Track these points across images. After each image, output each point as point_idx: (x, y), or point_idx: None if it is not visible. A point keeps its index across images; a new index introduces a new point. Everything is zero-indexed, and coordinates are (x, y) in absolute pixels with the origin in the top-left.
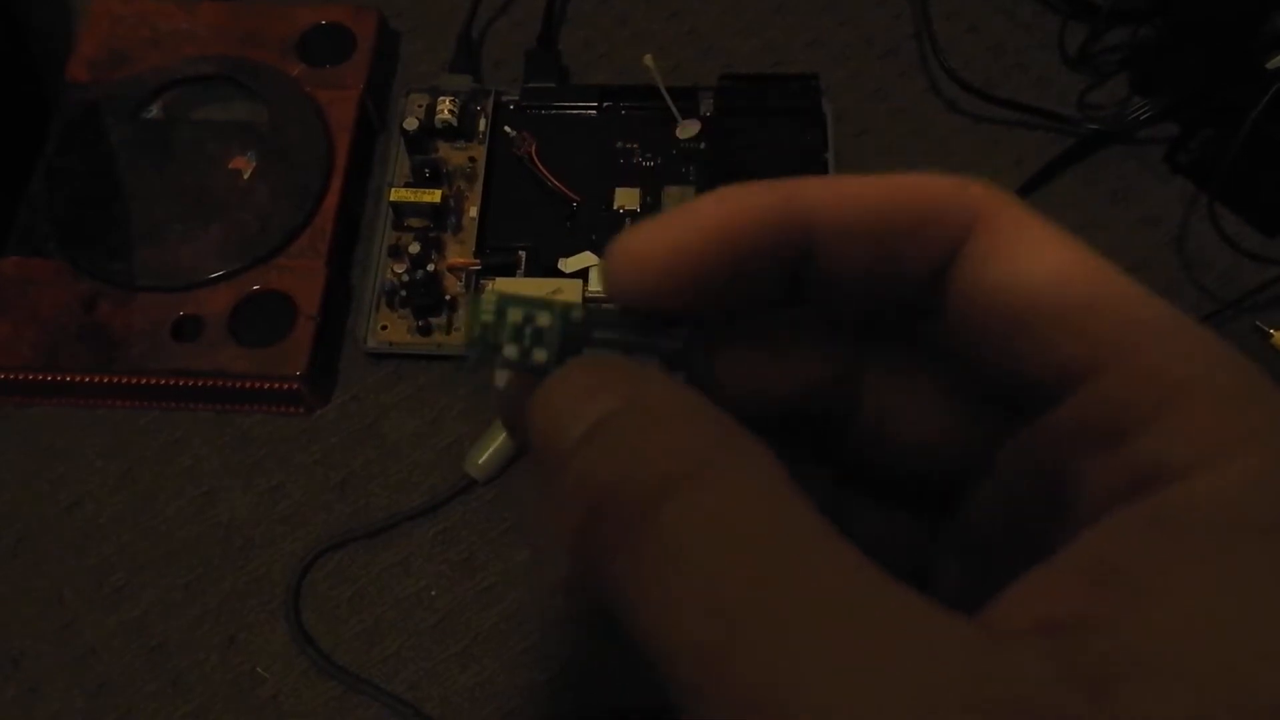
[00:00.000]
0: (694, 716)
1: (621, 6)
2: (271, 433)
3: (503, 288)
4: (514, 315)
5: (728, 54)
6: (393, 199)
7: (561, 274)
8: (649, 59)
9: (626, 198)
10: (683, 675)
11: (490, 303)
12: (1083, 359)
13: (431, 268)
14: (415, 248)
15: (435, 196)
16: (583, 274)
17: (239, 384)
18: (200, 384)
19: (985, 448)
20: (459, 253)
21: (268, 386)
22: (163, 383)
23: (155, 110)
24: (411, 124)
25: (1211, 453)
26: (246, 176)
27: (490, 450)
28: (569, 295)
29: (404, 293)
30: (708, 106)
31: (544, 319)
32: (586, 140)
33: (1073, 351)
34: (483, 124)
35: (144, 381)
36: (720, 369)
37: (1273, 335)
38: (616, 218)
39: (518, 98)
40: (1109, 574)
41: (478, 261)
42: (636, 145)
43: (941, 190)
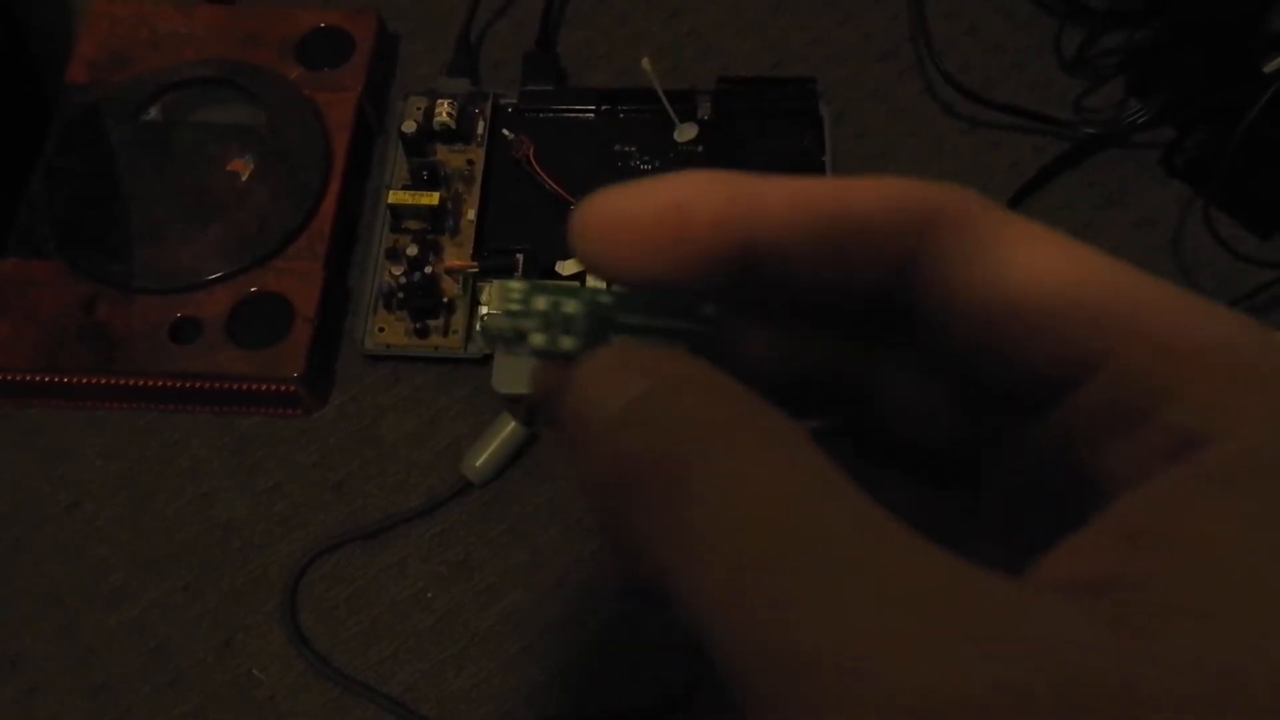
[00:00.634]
0: (731, 671)
1: (620, 7)
2: (269, 434)
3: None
4: (542, 303)
5: (726, 55)
6: (391, 201)
7: (559, 276)
8: (646, 62)
9: None
10: (726, 631)
11: (517, 292)
12: (1091, 346)
13: (429, 270)
14: (413, 250)
15: (433, 199)
16: (580, 277)
17: (237, 386)
18: (198, 386)
19: (997, 433)
20: (457, 255)
21: (266, 388)
22: (161, 384)
23: (154, 113)
24: (410, 126)
25: (1236, 416)
26: (245, 179)
27: (487, 452)
28: None
29: (401, 295)
30: (706, 110)
31: (571, 306)
32: (585, 143)
33: (1080, 340)
34: (481, 126)
35: (143, 383)
36: (744, 348)
37: None
38: None
39: (516, 100)
40: (1143, 534)
41: (475, 264)
42: (635, 148)
43: (893, 192)
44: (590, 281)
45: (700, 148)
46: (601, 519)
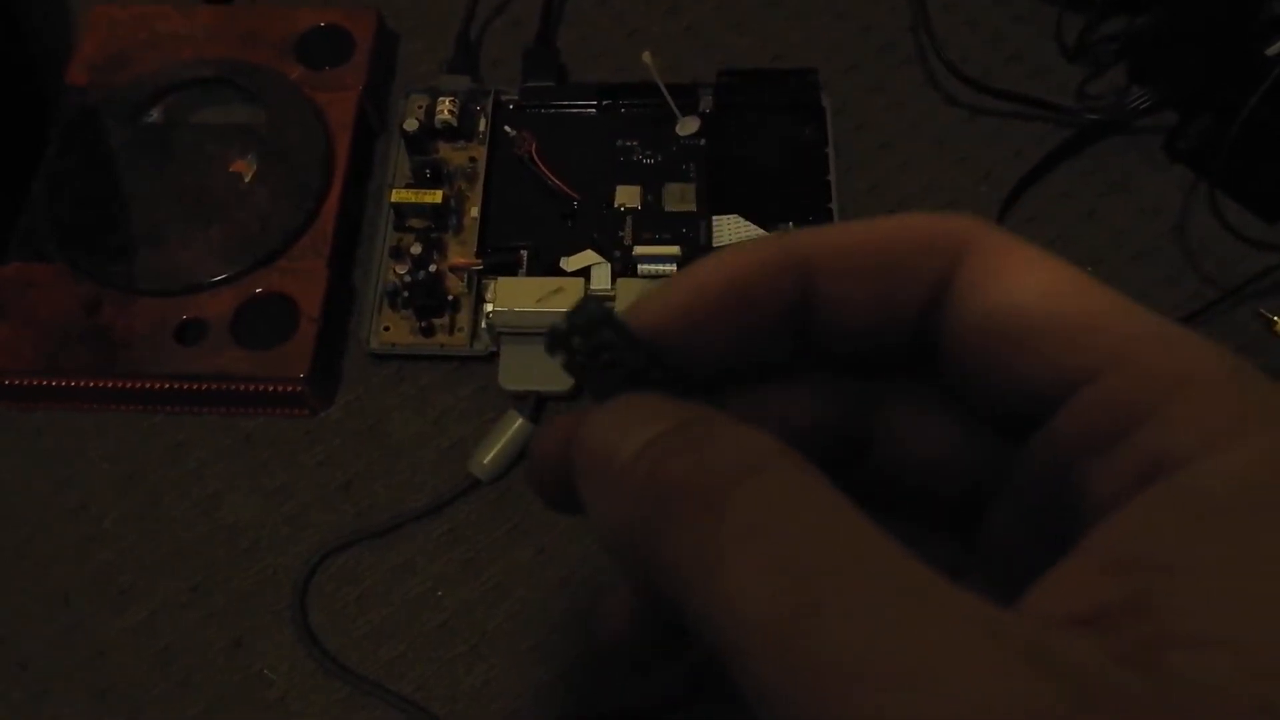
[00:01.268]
0: (761, 685)
1: (619, 3)
2: (275, 435)
3: (589, 299)
4: (605, 336)
5: (726, 49)
6: (394, 200)
7: (563, 273)
8: (647, 56)
9: (627, 195)
10: (754, 644)
11: (592, 314)
12: (1078, 367)
13: (433, 268)
14: (417, 248)
15: (436, 197)
16: (584, 273)
17: (242, 387)
18: (204, 387)
19: (1000, 463)
20: (461, 253)
21: (271, 389)
22: (166, 386)
23: (155, 115)
24: (411, 125)
25: (1212, 438)
26: (247, 179)
27: (494, 450)
28: (570, 294)
29: (406, 294)
30: (707, 103)
31: (627, 357)
32: (586, 138)
33: (1067, 361)
34: (483, 124)
35: (147, 385)
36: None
37: (1275, 322)
38: (617, 216)
39: (517, 97)
40: (1127, 562)
41: (479, 261)
42: (637, 143)
43: (928, 227)
44: (573, 293)
45: (702, 141)
46: (621, 559)
